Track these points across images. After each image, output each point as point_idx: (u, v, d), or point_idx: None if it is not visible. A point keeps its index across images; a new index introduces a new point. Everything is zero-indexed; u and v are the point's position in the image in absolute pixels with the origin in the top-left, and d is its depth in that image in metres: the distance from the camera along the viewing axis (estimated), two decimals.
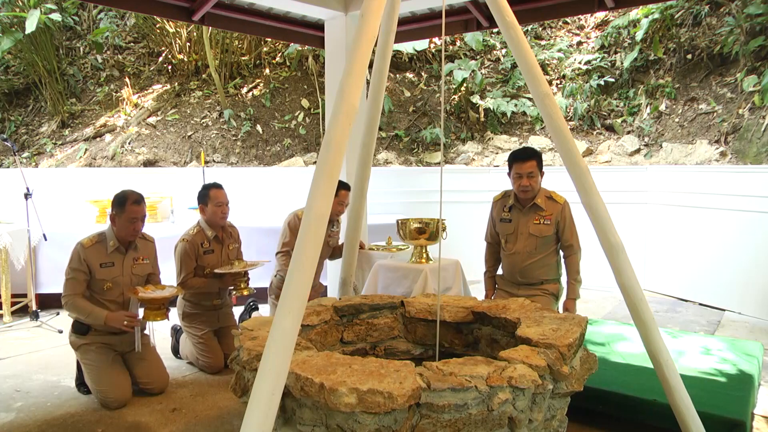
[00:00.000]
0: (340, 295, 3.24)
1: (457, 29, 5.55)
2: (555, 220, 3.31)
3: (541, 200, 3.33)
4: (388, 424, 1.77)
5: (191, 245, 3.67)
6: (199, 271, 3.72)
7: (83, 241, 3.22)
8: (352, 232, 3.22)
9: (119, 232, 3.25)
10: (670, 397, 2.24)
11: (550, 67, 8.51)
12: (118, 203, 3.23)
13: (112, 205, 3.26)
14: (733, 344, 3.42)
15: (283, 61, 9.23)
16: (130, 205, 3.21)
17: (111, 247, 3.25)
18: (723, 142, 6.54)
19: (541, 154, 3.38)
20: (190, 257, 3.66)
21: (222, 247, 3.82)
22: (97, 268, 3.20)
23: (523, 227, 3.36)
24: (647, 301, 2.26)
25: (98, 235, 3.28)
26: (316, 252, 1.75)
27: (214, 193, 3.70)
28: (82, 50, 9.09)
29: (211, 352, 3.66)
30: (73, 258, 3.20)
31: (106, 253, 3.24)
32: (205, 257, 3.71)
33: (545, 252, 3.35)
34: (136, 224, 3.26)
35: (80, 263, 3.18)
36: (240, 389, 2.18)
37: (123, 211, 3.20)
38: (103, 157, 7.83)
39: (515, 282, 3.44)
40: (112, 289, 3.25)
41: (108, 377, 3.16)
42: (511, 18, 2.25)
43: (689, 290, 5.55)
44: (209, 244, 3.74)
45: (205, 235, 3.73)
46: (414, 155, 8.16)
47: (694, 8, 7.49)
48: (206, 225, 3.75)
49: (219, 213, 3.71)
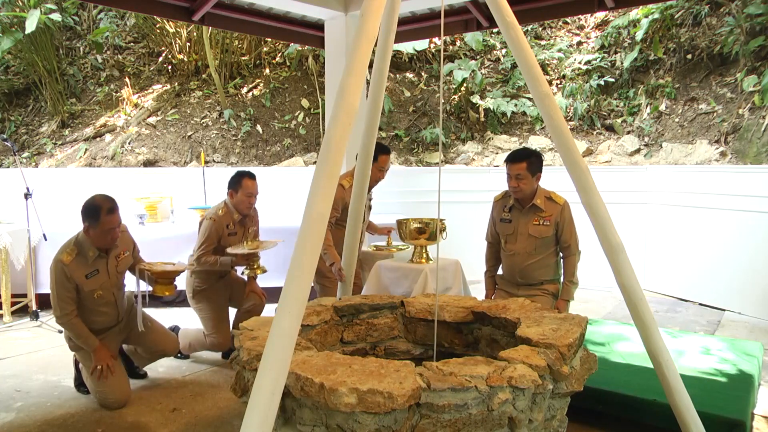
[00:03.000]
0: (340, 295, 3.24)
1: (457, 29, 5.55)
2: (554, 221, 3.30)
3: (540, 201, 3.32)
4: (388, 424, 1.77)
5: (218, 225, 3.70)
6: (219, 252, 3.75)
7: (62, 258, 3.04)
8: (352, 232, 3.22)
9: (97, 243, 3.10)
10: (670, 397, 2.24)
11: (550, 67, 8.51)
12: (90, 215, 3.02)
13: (83, 216, 3.06)
14: (733, 344, 3.42)
15: (283, 61, 9.23)
16: (105, 216, 3.01)
17: (92, 257, 3.10)
18: (723, 142, 6.54)
19: (538, 156, 3.33)
20: (215, 235, 3.69)
21: (244, 230, 3.87)
22: (84, 280, 3.08)
23: (523, 228, 3.36)
24: (647, 301, 2.26)
25: (75, 247, 3.10)
26: (317, 252, 1.75)
27: (246, 183, 3.74)
28: (82, 50, 9.09)
29: (220, 330, 3.72)
30: (57, 277, 3.03)
31: (88, 264, 3.10)
32: (228, 238, 3.75)
33: (545, 253, 3.35)
34: (113, 233, 3.09)
35: (67, 281, 3.03)
36: (240, 389, 2.18)
37: (97, 223, 3.02)
38: (103, 157, 7.83)
39: (515, 282, 3.44)
40: (103, 295, 3.18)
41: (107, 378, 3.14)
42: (511, 18, 2.25)
43: (689, 290, 5.55)
44: (234, 227, 3.79)
45: (232, 218, 3.78)
46: (414, 155, 8.16)
47: (694, 8, 7.49)
48: (233, 209, 3.79)
49: (246, 203, 3.77)
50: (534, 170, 3.28)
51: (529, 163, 3.26)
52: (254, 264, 3.80)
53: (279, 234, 5.47)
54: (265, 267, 3.88)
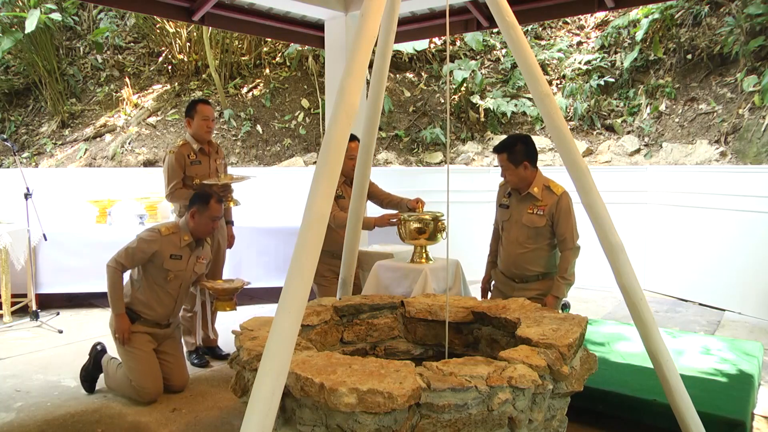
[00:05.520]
0: (340, 295, 3.24)
1: (457, 29, 5.55)
2: (549, 211, 3.13)
3: (537, 190, 3.16)
4: (388, 424, 1.77)
5: (178, 155, 3.75)
6: (188, 182, 3.77)
7: (161, 228, 3.24)
8: (352, 233, 3.22)
9: (197, 228, 3.29)
10: (670, 397, 2.24)
11: (550, 67, 8.50)
12: (201, 200, 3.27)
13: (192, 201, 3.30)
14: (733, 344, 3.42)
15: (283, 61, 9.23)
16: (214, 203, 3.27)
17: (184, 241, 3.28)
18: (723, 142, 6.54)
19: (525, 144, 3.16)
20: (177, 167, 3.74)
21: (209, 160, 3.89)
22: (167, 258, 3.22)
23: (517, 216, 3.23)
24: (647, 301, 2.26)
25: (174, 226, 3.30)
26: (317, 252, 1.75)
27: (201, 108, 3.80)
28: (82, 50, 9.09)
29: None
30: (147, 239, 3.20)
31: (179, 246, 3.27)
32: (192, 167, 3.79)
33: (538, 244, 3.18)
34: (215, 222, 3.33)
35: (149, 247, 3.18)
36: (240, 389, 2.18)
37: (206, 208, 3.25)
38: (103, 157, 7.84)
39: (509, 276, 3.33)
40: (173, 281, 3.28)
41: (149, 368, 3.17)
42: (511, 18, 2.25)
43: (689, 290, 5.55)
44: (195, 156, 3.82)
45: (191, 148, 3.82)
46: (414, 155, 8.16)
47: (694, 8, 7.49)
48: (192, 139, 3.84)
49: (204, 126, 3.80)
50: (517, 160, 3.13)
51: (508, 154, 3.14)
52: (229, 196, 3.86)
53: (279, 234, 5.50)
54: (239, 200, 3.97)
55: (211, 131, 3.88)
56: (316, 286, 3.99)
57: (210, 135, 3.89)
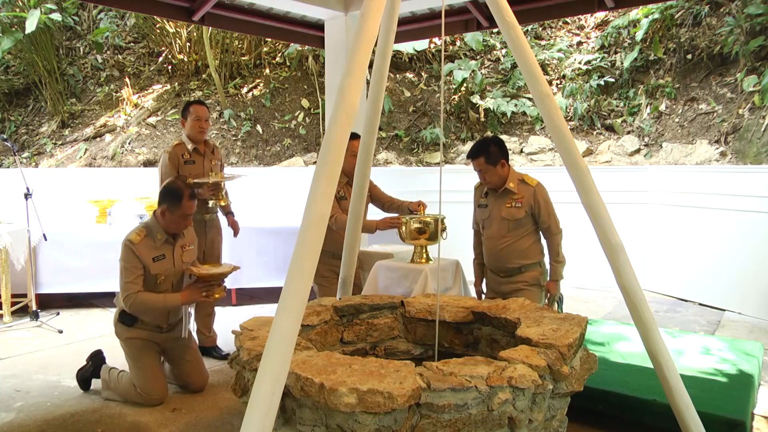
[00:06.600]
0: (340, 295, 3.24)
1: (457, 29, 5.55)
2: (527, 203, 3.28)
3: (513, 184, 3.31)
4: (388, 424, 1.77)
5: (172, 155, 3.79)
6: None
7: (131, 237, 3.09)
8: (352, 233, 3.22)
9: (168, 226, 3.16)
10: (670, 397, 2.24)
11: (550, 67, 8.50)
12: (172, 198, 3.10)
13: (162, 199, 3.14)
14: (733, 344, 3.42)
15: (283, 61, 9.23)
16: (186, 200, 3.11)
17: (159, 240, 3.14)
18: (723, 142, 6.54)
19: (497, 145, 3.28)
20: (171, 166, 3.76)
21: (203, 159, 3.90)
22: (151, 263, 3.11)
23: (496, 212, 3.35)
24: (647, 301, 2.26)
25: (144, 229, 3.14)
26: (317, 252, 1.75)
27: (194, 108, 3.83)
28: (82, 50, 9.09)
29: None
30: (127, 256, 3.07)
31: (156, 247, 3.14)
32: (186, 167, 3.81)
33: (519, 236, 3.31)
34: (188, 219, 3.20)
35: (136, 260, 3.06)
36: (240, 389, 2.18)
37: (178, 206, 3.09)
38: (103, 157, 7.84)
39: (495, 271, 3.43)
40: (164, 283, 3.20)
41: (152, 374, 3.15)
42: (511, 18, 2.25)
43: (689, 290, 5.55)
44: (189, 156, 3.84)
45: (186, 148, 3.84)
46: (414, 155, 8.16)
47: (694, 8, 7.49)
48: (187, 139, 3.87)
49: (197, 127, 3.82)
50: (494, 161, 3.26)
51: (486, 157, 3.25)
52: (219, 195, 3.88)
53: (279, 234, 5.50)
54: (230, 200, 4.00)
55: (204, 132, 3.88)
56: (316, 286, 3.99)
57: (203, 135, 3.89)
